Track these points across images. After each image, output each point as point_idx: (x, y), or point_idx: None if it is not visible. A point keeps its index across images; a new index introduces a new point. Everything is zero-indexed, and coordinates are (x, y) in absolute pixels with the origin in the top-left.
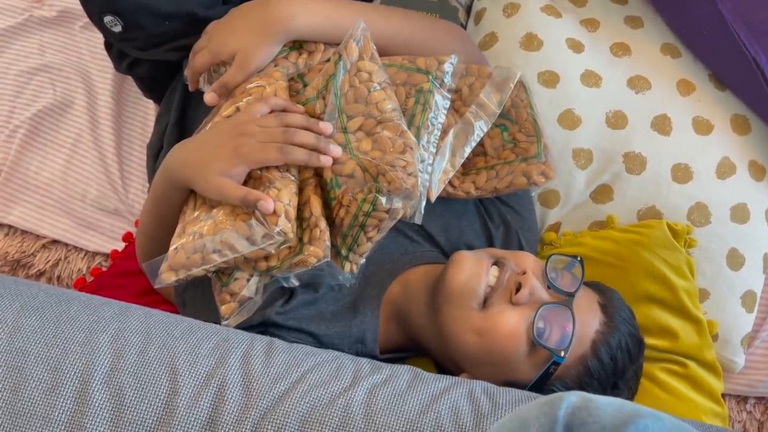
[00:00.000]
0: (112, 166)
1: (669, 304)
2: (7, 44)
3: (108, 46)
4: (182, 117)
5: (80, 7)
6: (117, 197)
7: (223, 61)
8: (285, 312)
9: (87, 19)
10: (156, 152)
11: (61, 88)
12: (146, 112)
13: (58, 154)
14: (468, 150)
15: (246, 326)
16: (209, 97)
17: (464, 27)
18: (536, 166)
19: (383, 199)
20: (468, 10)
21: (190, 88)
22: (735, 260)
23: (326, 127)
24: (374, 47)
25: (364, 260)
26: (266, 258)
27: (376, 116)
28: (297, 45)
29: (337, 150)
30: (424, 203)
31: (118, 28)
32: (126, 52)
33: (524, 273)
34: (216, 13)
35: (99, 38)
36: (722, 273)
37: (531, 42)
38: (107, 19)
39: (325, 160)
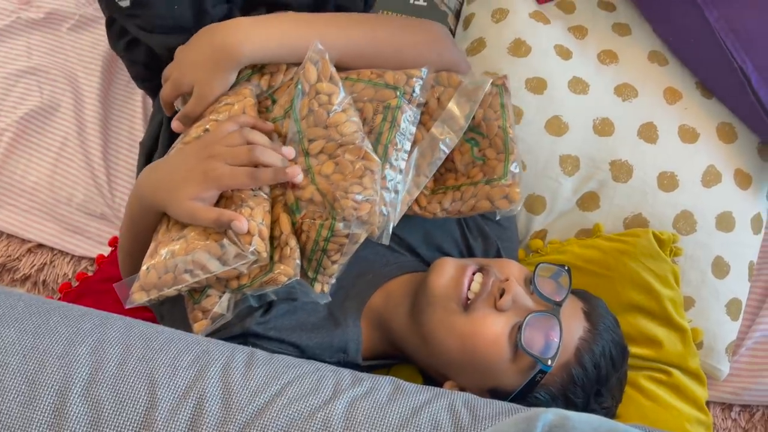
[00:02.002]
0: (99, 170)
1: (654, 313)
2: None
3: (109, 23)
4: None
5: (68, 9)
6: (103, 201)
7: (186, 92)
8: (265, 322)
9: (75, 21)
10: (148, 151)
11: (48, 91)
12: (133, 116)
13: (44, 157)
14: (433, 169)
15: (226, 337)
16: (175, 125)
17: (453, 31)
18: (500, 189)
19: (341, 225)
20: (457, 14)
21: (167, 113)
22: (720, 268)
23: (288, 152)
24: (333, 68)
25: (335, 280)
26: (238, 277)
27: (337, 139)
28: (258, 68)
29: (290, 154)
30: (392, 224)
31: (125, 2)
32: (127, 29)
33: (507, 280)
34: (219, 12)
35: (86, 40)
36: (707, 281)
37: (519, 48)
38: None
39: (292, 172)
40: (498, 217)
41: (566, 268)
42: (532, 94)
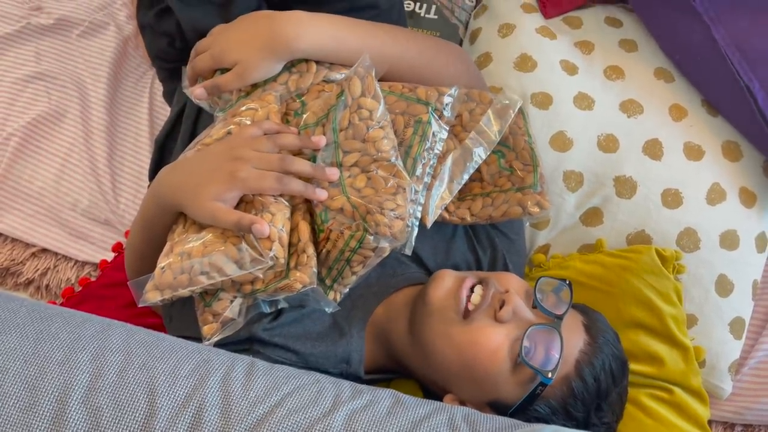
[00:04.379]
0: (104, 177)
1: (655, 330)
2: (3, 51)
3: None
4: (199, 114)
5: (78, 15)
6: (108, 207)
7: (223, 68)
8: (272, 329)
9: (84, 28)
10: (162, 148)
11: (56, 97)
12: (138, 123)
13: (50, 163)
14: (466, 177)
15: (232, 341)
16: (198, 92)
17: (461, 44)
18: (532, 197)
19: (371, 238)
20: (467, 27)
21: (188, 84)
22: (723, 287)
23: (319, 140)
24: (377, 85)
25: (348, 290)
26: (252, 281)
27: (373, 154)
28: (288, 65)
29: (332, 177)
30: (415, 234)
31: None
32: None
33: (507, 292)
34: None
35: (94, 47)
36: (710, 299)
37: (525, 63)
38: None
39: (321, 194)
40: (527, 223)
41: (567, 282)
42: (537, 109)
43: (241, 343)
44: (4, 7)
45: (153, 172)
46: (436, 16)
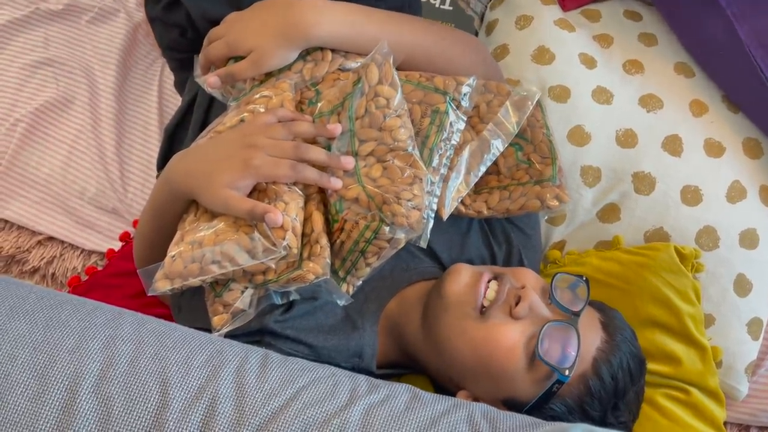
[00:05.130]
0: (112, 165)
1: (673, 329)
2: (12, 36)
3: None
4: (210, 103)
5: (87, 1)
6: (116, 196)
7: (238, 56)
8: (284, 320)
9: (93, 14)
10: (172, 137)
11: (64, 83)
12: (148, 112)
13: (58, 150)
14: (483, 169)
15: (243, 332)
16: (212, 80)
17: (477, 35)
18: (551, 190)
19: (387, 229)
20: (482, 18)
21: (200, 72)
22: (742, 286)
23: (335, 128)
24: (395, 72)
25: (361, 282)
26: (264, 272)
27: (389, 143)
28: (303, 53)
29: (348, 165)
30: (430, 227)
31: None
32: None
33: (523, 287)
34: None
35: (103, 33)
36: (729, 299)
37: (543, 55)
38: None
39: (335, 183)
40: (545, 217)
41: (584, 278)
42: (555, 103)
43: (252, 334)
44: None
45: (162, 161)
46: (451, 8)
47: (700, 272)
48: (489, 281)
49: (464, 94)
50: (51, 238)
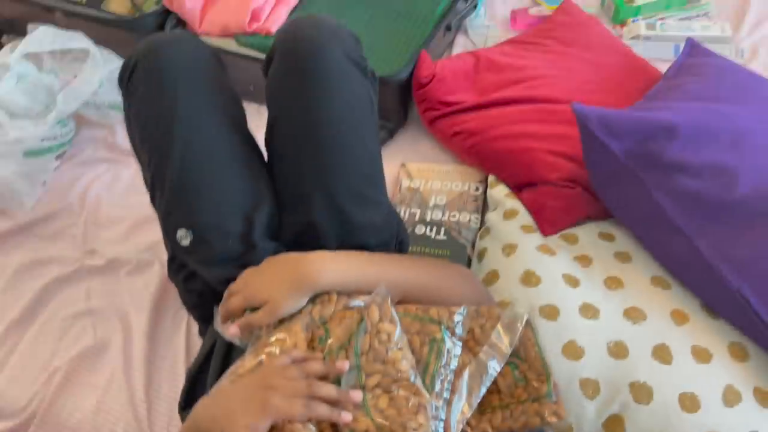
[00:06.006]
0: (141, 406)
1: None
2: (58, 292)
3: (171, 258)
4: (228, 349)
5: (127, 255)
6: None
7: (255, 306)
8: None
9: (132, 266)
10: (193, 379)
11: (101, 331)
12: (176, 353)
13: (90, 396)
14: (483, 390)
15: None
16: (232, 330)
17: (471, 261)
18: (548, 406)
19: None
20: (474, 245)
21: (220, 323)
22: None
23: (343, 365)
24: (393, 310)
25: None
26: None
27: (393, 375)
28: (311, 297)
29: (356, 399)
30: None
31: (186, 242)
32: (186, 263)
33: None
34: (268, 246)
35: (140, 282)
36: None
37: (530, 279)
38: (180, 233)
39: (345, 417)
40: None
41: None
42: (546, 321)
43: None
44: (64, 251)
45: (184, 402)
46: (445, 237)
47: None
48: None
49: (457, 322)
50: None
